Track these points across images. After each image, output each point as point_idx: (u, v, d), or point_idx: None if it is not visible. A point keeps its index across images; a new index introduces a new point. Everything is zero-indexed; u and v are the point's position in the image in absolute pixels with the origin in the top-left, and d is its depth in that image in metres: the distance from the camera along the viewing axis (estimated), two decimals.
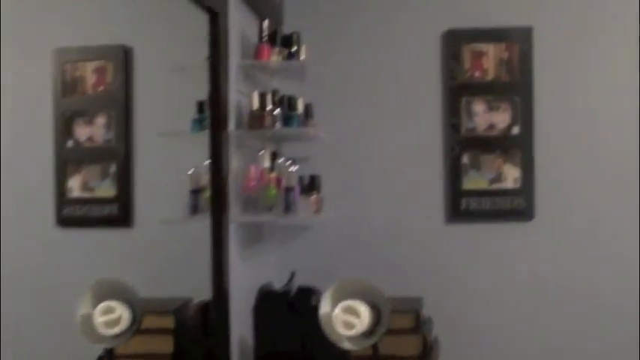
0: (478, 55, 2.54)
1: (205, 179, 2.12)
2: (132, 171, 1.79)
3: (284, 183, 2.24)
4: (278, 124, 2.23)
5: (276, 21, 2.44)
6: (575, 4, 2.53)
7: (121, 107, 1.75)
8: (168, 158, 1.98)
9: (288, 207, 2.21)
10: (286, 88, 2.37)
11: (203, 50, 2.08)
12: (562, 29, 2.53)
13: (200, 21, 2.04)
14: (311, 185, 2.37)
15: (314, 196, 2.36)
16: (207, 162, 2.11)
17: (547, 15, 2.52)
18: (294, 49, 2.31)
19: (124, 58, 1.77)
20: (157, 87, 1.88)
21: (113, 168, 1.74)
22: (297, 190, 2.23)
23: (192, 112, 2.11)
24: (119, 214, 1.73)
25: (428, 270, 2.56)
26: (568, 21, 2.53)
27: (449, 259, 2.58)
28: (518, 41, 2.52)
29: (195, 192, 2.12)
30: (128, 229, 1.81)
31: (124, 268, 1.70)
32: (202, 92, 2.09)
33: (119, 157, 1.75)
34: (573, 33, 2.53)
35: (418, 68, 2.56)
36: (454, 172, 2.56)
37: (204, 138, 2.09)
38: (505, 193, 2.55)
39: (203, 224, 2.08)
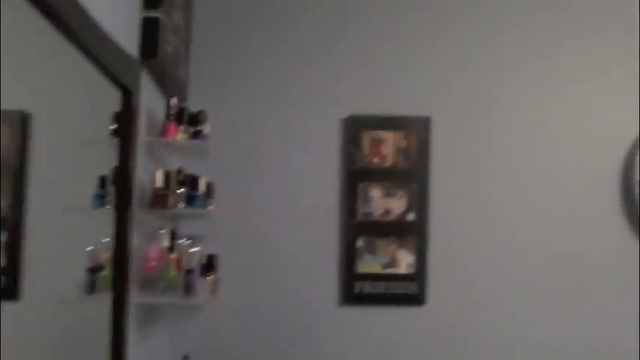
0: (377, 142, 2.69)
1: (104, 257, 2.14)
2: (22, 243, 1.80)
3: (184, 264, 2.30)
4: (181, 204, 2.31)
5: (182, 98, 2.53)
6: (471, 95, 2.73)
7: (15, 175, 1.76)
8: (65, 233, 1.98)
9: (188, 289, 2.27)
10: (189, 165, 2.41)
11: (107, 125, 2.13)
12: (458, 119, 2.72)
13: (108, 96, 2.09)
14: (208, 265, 2.43)
15: (211, 277, 2.43)
16: (106, 239, 2.14)
17: (444, 105, 2.71)
18: (200, 127, 2.41)
19: (21, 124, 1.79)
20: (57, 158, 1.90)
21: (4, 237, 1.74)
22: (198, 271, 2.29)
23: (93, 187, 2.15)
24: (7, 286, 1.72)
25: (320, 352, 2.63)
26: (464, 111, 2.72)
27: (342, 341, 2.65)
28: (416, 130, 2.68)
29: (93, 270, 2.13)
30: (16, 303, 1.79)
31: (14, 342, 1.68)
32: (104, 167, 2.13)
33: (9, 227, 1.75)
34: (469, 123, 2.72)
35: (319, 151, 2.67)
36: (349, 256, 2.67)
37: (104, 214, 2.13)
38: (398, 277, 2.69)
39: (100, 304, 2.09)
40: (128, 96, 2.07)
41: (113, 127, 2.21)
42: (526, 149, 2.76)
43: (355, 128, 2.69)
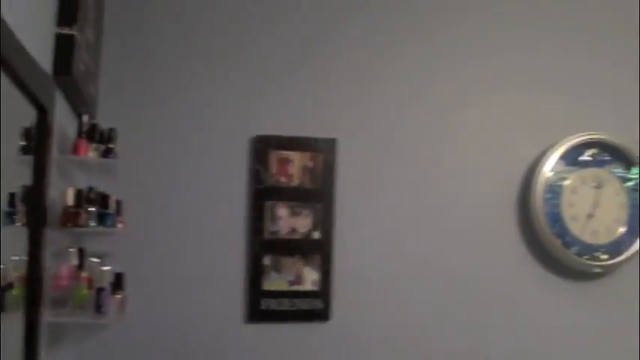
0: (284, 162, 2.83)
1: (13, 276, 2.20)
2: None
3: (95, 283, 2.39)
4: (92, 222, 2.40)
5: (92, 116, 2.61)
6: (376, 118, 2.93)
7: None
8: None
9: (99, 307, 2.36)
10: (98, 183, 2.49)
11: (17, 141, 2.21)
12: (363, 141, 2.91)
13: (21, 111, 2.16)
14: (116, 284, 2.53)
15: (119, 296, 2.53)
16: (16, 257, 2.21)
17: (350, 128, 2.90)
18: (111, 145, 2.51)
19: None
20: None
21: None
22: (109, 290, 2.39)
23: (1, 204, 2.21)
24: None
25: None
26: (369, 133, 2.92)
27: (248, 358, 2.77)
28: (322, 151, 2.84)
29: (2, 289, 2.19)
30: None
31: None
32: (13, 185, 2.20)
33: None
34: (374, 145, 2.92)
35: (227, 170, 2.78)
36: (255, 273, 2.80)
37: (13, 232, 2.19)
38: (304, 294, 2.85)
39: (9, 324, 2.15)
40: (43, 113, 2.15)
41: (23, 143, 2.29)
42: (428, 171, 2.97)
43: (263, 148, 2.82)
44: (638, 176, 3.15)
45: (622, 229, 3.11)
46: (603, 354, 3.10)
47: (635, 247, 3.11)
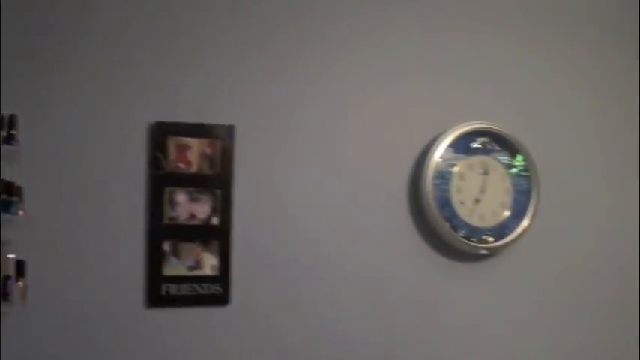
0: (183, 149, 2.99)
1: None
2: None
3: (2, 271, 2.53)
4: None
5: None
6: (274, 105, 3.12)
7: None
8: None
9: (6, 296, 2.51)
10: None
11: None
12: (262, 128, 3.09)
13: None
14: (19, 271, 2.68)
15: (21, 283, 2.67)
16: None
17: (248, 115, 3.07)
18: (13, 131, 2.63)
19: None
20: None
21: None
22: (14, 278, 2.53)
23: None
24: None
25: (128, 354, 2.90)
26: (267, 121, 3.11)
27: (149, 342, 2.92)
28: (221, 138, 3.01)
29: None
30: None
31: None
32: None
33: None
34: (272, 132, 3.11)
35: (125, 157, 2.91)
36: (155, 259, 2.95)
37: None
38: (203, 279, 3.03)
39: None
40: None
41: None
42: (323, 157, 3.21)
43: (161, 134, 2.97)
44: (522, 163, 3.49)
45: (507, 213, 3.45)
46: (491, 327, 3.47)
47: (518, 230, 3.46)
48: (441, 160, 3.33)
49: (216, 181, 3.06)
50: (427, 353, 3.37)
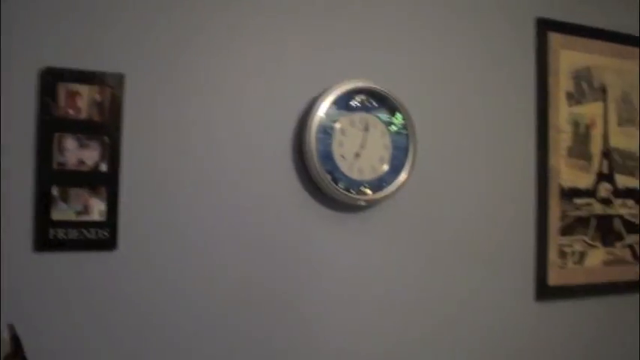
0: (73, 95, 3.08)
1: None
2: None
3: None
4: None
5: None
6: (166, 55, 3.27)
7: None
8: None
9: None
10: None
11: None
12: (152, 78, 3.24)
13: None
14: None
15: None
16: None
17: (139, 63, 3.21)
18: None
19: None
20: None
21: None
22: None
23: None
24: None
25: (16, 296, 3.00)
26: (158, 70, 3.25)
27: (37, 286, 3.03)
28: (110, 85, 3.13)
29: None
30: None
31: None
32: None
33: None
34: (163, 82, 3.26)
35: (15, 102, 3.00)
36: (43, 203, 3.06)
37: None
38: (91, 225, 3.15)
39: None
40: None
41: None
42: (213, 109, 3.39)
43: (51, 80, 3.06)
44: (401, 121, 3.76)
45: (385, 167, 3.72)
46: (368, 274, 3.77)
47: (396, 184, 3.73)
48: (324, 116, 3.54)
49: (105, 128, 3.19)
50: (307, 298, 3.64)
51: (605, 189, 4.56)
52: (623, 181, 4.64)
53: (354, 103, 3.67)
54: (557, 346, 4.35)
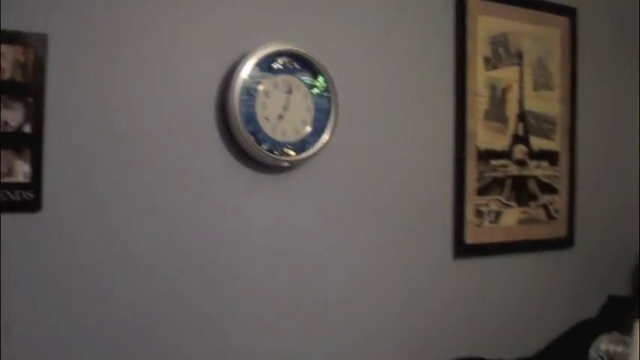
0: None
1: None
2: None
3: None
4: None
5: None
6: (93, 15, 3.30)
7: None
8: None
9: None
10: None
11: None
12: (78, 38, 3.27)
13: None
14: None
15: None
16: None
17: (63, 24, 3.23)
18: None
19: None
20: None
21: None
22: None
23: None
24: None
25: None
26: (85, 31, 3.28)
27: None
28: (33, 46, 3.15)
29: None
30: None
31: None
32: None
33: None
34: (86, 41, 3.29)
35: None
36: None
37: None
38: (15, 186, 3.18)
39: None
40: None
41: None
42: (139, 70, 3.45)
43: None
44: (323, 84, 3.88)
45: (308, 129, 3.85)
46: (291, 233, 3.92)
47: (318, 145, 3.86)
48: (247, 77, 3.63)
49: (28, 89, 3.22)
50: (230, 259, 3.77)
51: (520, 151, 4.77)
52: (537, 143, 4.86)
53: (276, 65, 3.77)
54: (474, 301, 4.58)
